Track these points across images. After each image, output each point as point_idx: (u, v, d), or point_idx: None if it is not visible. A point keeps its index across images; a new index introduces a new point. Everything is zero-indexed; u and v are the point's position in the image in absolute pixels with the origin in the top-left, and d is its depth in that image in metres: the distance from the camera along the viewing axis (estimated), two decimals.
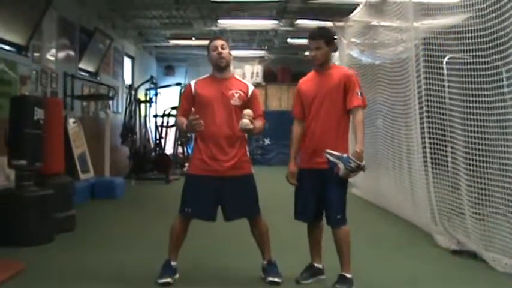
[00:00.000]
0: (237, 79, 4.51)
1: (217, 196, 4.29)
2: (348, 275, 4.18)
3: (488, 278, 4.66)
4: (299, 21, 12.28)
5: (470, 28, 5.21)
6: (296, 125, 4.46)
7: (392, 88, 7.33)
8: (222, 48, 4.34)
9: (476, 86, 5.21)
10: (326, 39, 4.26)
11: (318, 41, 4.25)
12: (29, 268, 4.68)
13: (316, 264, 4.47)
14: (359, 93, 4.18)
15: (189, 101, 4.41)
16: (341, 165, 4.07)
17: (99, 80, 11.51)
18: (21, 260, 4.85)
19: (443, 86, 5.97)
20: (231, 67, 4.53)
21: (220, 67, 4.36)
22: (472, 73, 5.23)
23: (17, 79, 7.56)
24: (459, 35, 5.37)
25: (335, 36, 4.45)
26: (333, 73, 4.27)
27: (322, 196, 4.23)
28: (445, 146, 5.94)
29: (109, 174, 10.41)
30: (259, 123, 4.35)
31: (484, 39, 5.02)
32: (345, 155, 4.10)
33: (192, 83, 4.46)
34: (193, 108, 4.37)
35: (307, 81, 4.42)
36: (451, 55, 5.94)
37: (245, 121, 4.11)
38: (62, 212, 6.21)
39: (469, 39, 5.22)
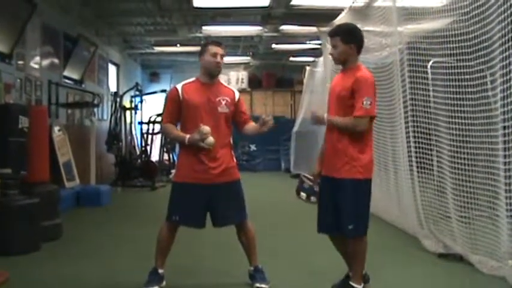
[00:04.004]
0: (223, 85, 4.48)
1: (206, 203, 4.25)
2: (356, 285, 3.99)
3: (475, 280, 4.68)
4: (283, 27, 12.31)
5: (454, 32, 5.24)
6: None
7: (377, 92, 7.32)
8: (221, 58, 4.28)
9: (460, 90, 5.23)
10: (342, 36, 3.98)
11: (333, 38, 4.03)
12: (14, 277, 4.63)
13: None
14: (365, 102, 3.84)
15: (175, 105, 4.28)
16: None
17: (84, 87, 11.45)
18: (7, 269, 4.79)
19: (428, 90, 6.00)
20: None
21: (213, 75, 4.32)
22: (457, 77, 5.26)
23: (1, 87, 7.51)
24: (443, 39, 5.41)
25: (354, 34, 4.07)
26: (351, 75, 3.94)
27: (337, 205, 3.97)
28: (431, 149, 5.96)
29: (95, 181, 10.38)
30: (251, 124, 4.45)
31: (468, 43, 5.04)
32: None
33: (179, 87, 4.32)
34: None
35: (335, 79, 4.18)
36: (435, 59, 5.98)
37: (209, 141, 4.09)
38: (47, 221, 6.15)
39: (453, 44, 5.25)
